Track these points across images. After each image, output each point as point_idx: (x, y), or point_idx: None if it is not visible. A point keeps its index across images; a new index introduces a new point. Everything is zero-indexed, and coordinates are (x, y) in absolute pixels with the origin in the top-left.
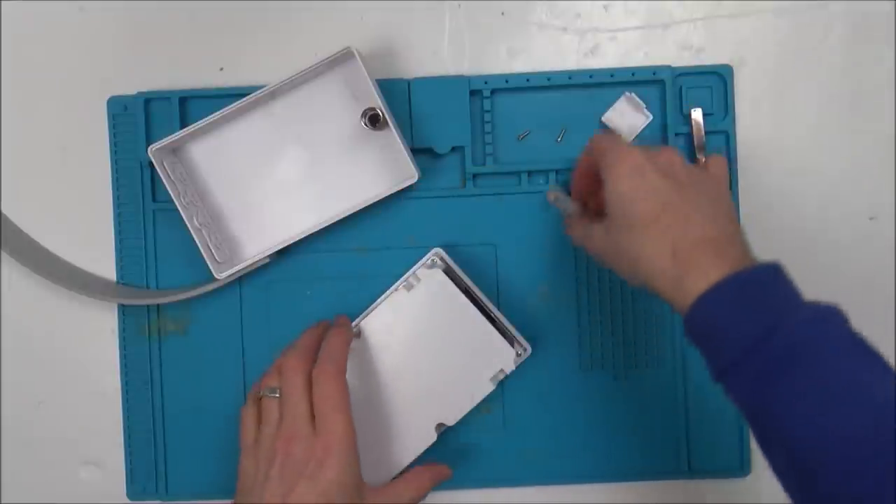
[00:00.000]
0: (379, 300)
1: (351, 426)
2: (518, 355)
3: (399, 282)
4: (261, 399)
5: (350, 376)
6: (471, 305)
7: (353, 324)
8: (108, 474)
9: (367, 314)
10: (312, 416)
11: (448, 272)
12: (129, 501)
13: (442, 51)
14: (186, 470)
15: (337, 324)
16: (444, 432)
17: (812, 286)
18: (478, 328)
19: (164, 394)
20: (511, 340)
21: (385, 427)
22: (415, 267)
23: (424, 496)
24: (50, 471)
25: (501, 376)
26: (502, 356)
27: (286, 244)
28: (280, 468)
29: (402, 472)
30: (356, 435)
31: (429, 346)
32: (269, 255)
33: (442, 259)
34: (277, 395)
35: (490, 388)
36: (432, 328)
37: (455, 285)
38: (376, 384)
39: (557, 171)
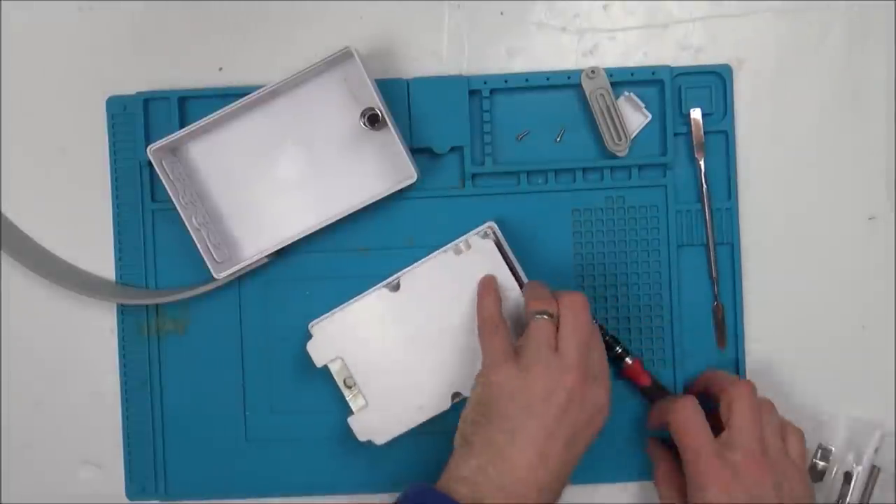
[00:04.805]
0: (426, 258)
1: None
2: None
3: (450, 244)
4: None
5: (381, 325)
6: (513, 281)
7: (395, 277)
8: (107, 474)
9: (412, 268)
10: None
11: (498, 245)
12: (128, 501)
13: (441, 50)
14: (186, 469)
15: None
16: (458, 402)
17: (812, 286)
18: (516, 305)
19: (164, 393)
20: None
21: (403, 381)
22: (468, 234)
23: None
24: (49, 471)
25: None
26: None
27: (285, 244)
28: (571, 402)
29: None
30: None
31: (463, 313)
32: (268, 255)
33: (494, 233)
34: (548, 316)
35: None
36: (472, 296)
37: (502, 259)
38: (404, 338)
39: (556, 172)
